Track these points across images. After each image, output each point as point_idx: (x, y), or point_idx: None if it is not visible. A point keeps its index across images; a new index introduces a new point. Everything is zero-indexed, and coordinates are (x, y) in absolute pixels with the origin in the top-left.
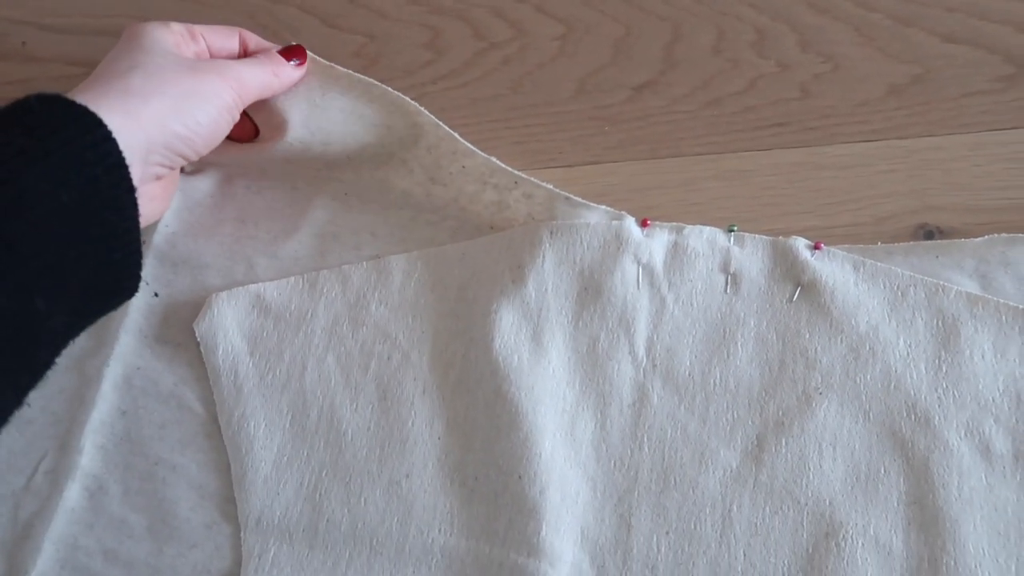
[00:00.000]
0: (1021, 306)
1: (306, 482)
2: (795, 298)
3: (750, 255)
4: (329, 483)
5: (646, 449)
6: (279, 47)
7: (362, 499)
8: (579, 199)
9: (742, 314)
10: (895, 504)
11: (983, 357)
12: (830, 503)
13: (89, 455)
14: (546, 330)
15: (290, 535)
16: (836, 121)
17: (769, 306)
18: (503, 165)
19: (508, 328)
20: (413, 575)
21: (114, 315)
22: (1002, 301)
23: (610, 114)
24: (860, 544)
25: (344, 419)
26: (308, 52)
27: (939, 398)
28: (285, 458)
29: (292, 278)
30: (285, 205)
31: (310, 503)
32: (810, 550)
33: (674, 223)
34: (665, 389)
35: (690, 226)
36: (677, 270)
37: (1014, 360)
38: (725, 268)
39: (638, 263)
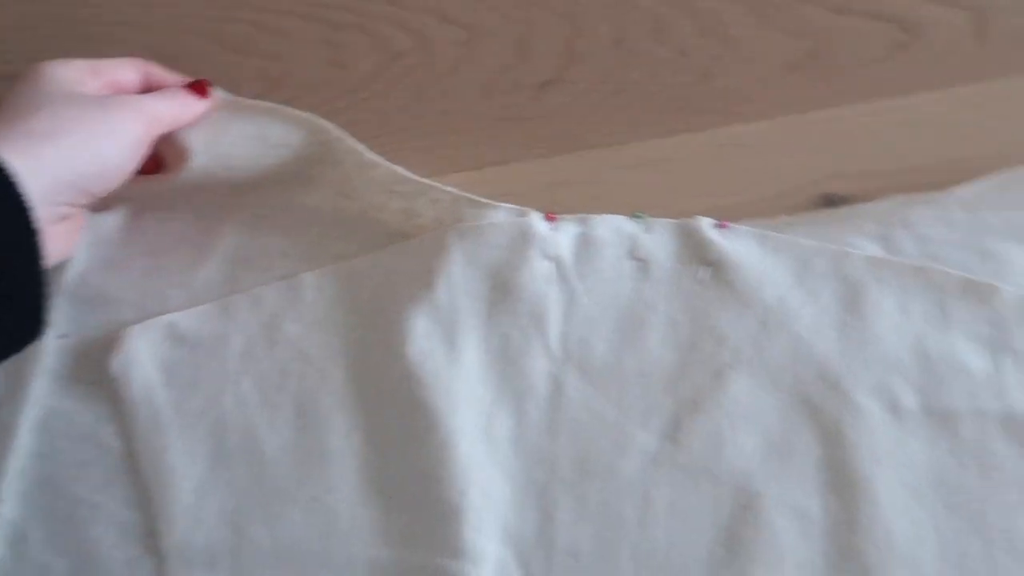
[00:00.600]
0: (922, 265)
1: (228, 507)
2: (703, 278)
3: (657, 239)
4: (251, 506)
5: (564, 441)
6: (183, 78)
7: (283, 518)
8: (483, 199)
9: (652, 298)
10: (810, 470)
11: (888, 318)
12: (747, 476)
13: (9, 504)
14: (459, 332)
15: (213, 562)
16: (736, 101)
17: (678, 288)
18: (407, 173)
19: (421, 334)
20: None
21: (26, 358)
22: (904, 261)
23: (515, 114)
24: (778, 513)
25: (263, 440)
26: (213, 86)
27: (847, 362)
28: (206, 485)
29: (205, 305)
30: (195, 234)
31: (232, 528)
32: (730, 523)
33: (580, 215)
34: (580, 380)
35: (596, 216)
36: (586, 261)
37: (918, 318)
38: (633, 255)
39: (546, 258)
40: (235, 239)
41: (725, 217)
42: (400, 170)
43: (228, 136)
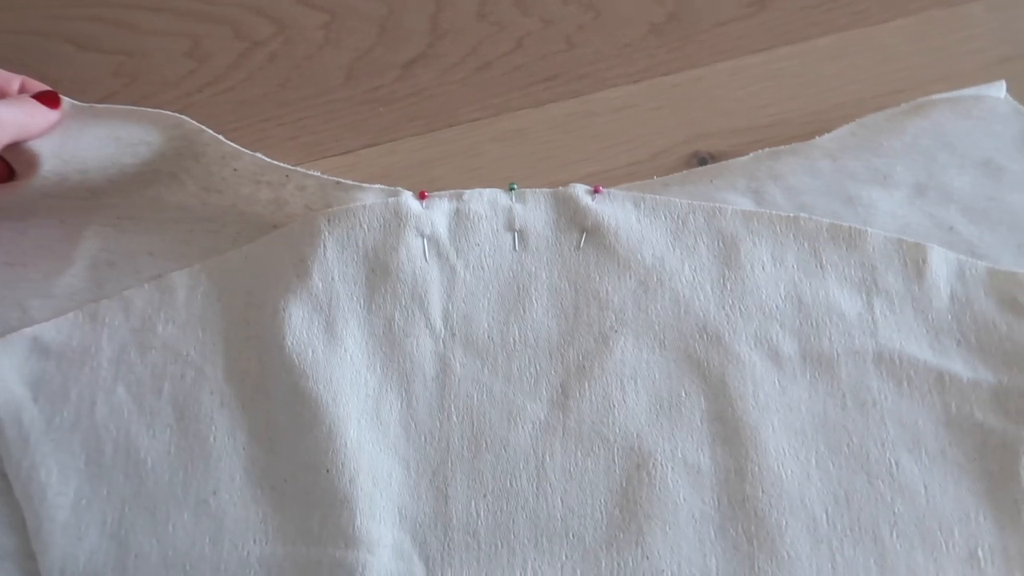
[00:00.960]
0: (793, 215)
1: (109, 520)
2: (582, 244)
3: (533, 210)
4: (134, 516)
5: (455, 418)
6: (30, 82)
7: (170, 525)
8: (350, 182)
9: (533, 268)
10: (698, 424)
11: (763, 268)
12: (637, 435)
13: None
14: (339, 319)
15: None
16: (603, 67)
17: (558, 256)
18: (271, 161)
19: (299, 324)
20: None
21: None
22: (775, 213)
23: (383, 95)
24: (670, 468)
25: (142, 447)
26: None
27: (727, 315)
28: (84, 500)
29: (70, 314)
30: (54, 241)
31: (115, 541)
32: (624, 484)
33: (453, 190)
34: (467, 356)
35: (469, 191)
36: (462, 236)
37: (792, 266)
38: (510, 226)
39: (422, 236)
40: (97, 243)
41: (601, 183)
42: (261, 157)
43: (80, 140)
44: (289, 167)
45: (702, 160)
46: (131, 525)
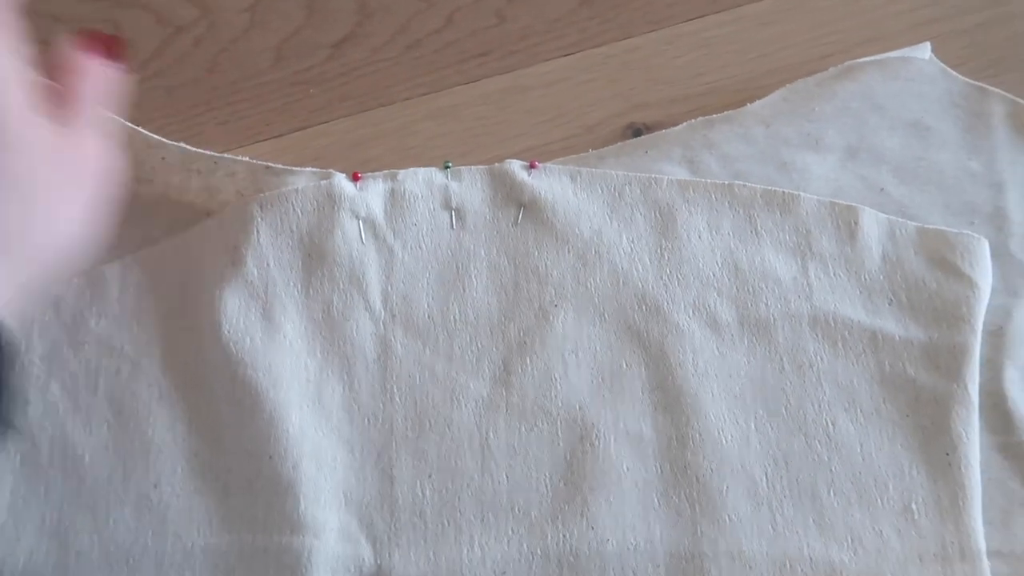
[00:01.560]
0: (727, 183)
1: (48, 519)
2: (519, 220)
3: (469, 187)
4: (73, 514)
5: (397, 399)
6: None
7: (110, 521)
8: (281, 166)
9: (471, 246)
10: (640, 394)
11: (700, 237)
12: (580, 408)
13: None
14: (276, 305)
15: None
16: (535, 41)
17: (496, 233)
18: (196, 149)
19: (235, 312)
20: None
21: None
22: (710, 181)
23: (312, 76)
24: (612, 439)
25: (79, 444)
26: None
27: (665, 284)
28: (20, 500)
29: None
30: None
31: (56, 540)
32: (568, 456)
33: (387, 171)
34: (407, 336)
35: (403, 171)
36: (399, 217)
37: (728, 234)
38: (447, 205)
39: (357, 218)
40: None
41: (537, 157)
42: (187, 147)
43: None
44: (216, 154)
45: (637, 131)
46: (71, 523)
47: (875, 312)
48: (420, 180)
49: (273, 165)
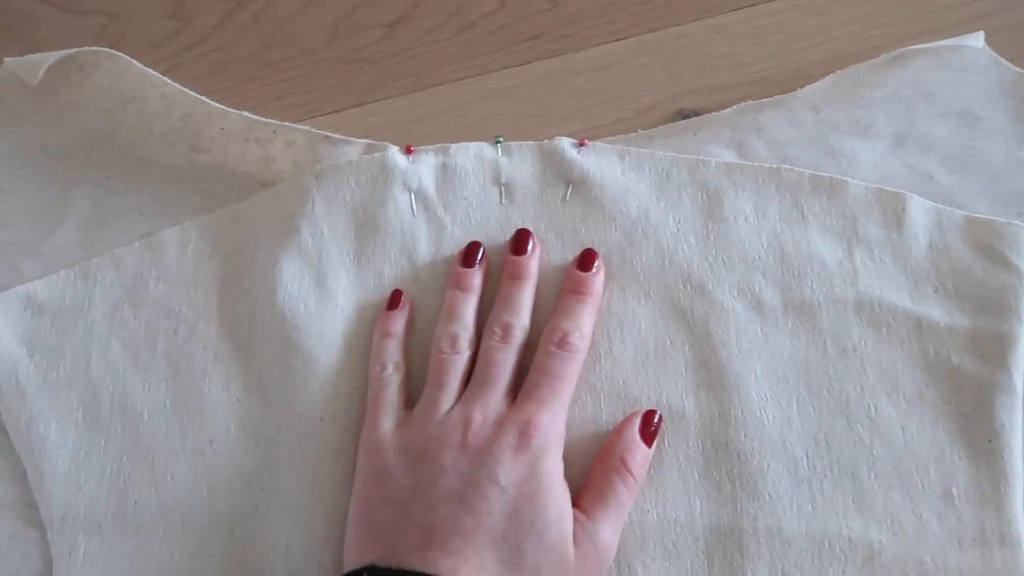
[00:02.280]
0: (775, 166)
1: (108, 471)
2: (568, 196)
3: (519, 163)
4: (132, 467)
5: None
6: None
7: (168, 475)
8: (339, 136)
9: (519, 221)
10: (683, 371)
11: (746, 220)
12: (624, 383)
13: None
14: (329, 273)
15: (99, 527)
16: (586, 25)
17: (545, 209)
18: (258, 117)
19: (290, 279)
20: (228, 538)
21: None
22: (758, 164)
23: (367, 55)
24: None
25: (138, 401)
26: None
27: (710, 265)
28: (82, 452)
29: (63, 272)
30: (44, 202)
31: (115, 491)
32: (610, 431)
33: (439, 144)
34: None
35: (455, 145)
36: (450, 190)
37: (774, 217)
38: (497, 180)
39: (409, 190)
40: (88, 203)
41: (586, 140)
42: (249, 115)
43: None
44: (277, 122)
45: (686, 117)
46: (129, 476)
47: (920, 299)
48: (471, 154)
49: (331, 135)
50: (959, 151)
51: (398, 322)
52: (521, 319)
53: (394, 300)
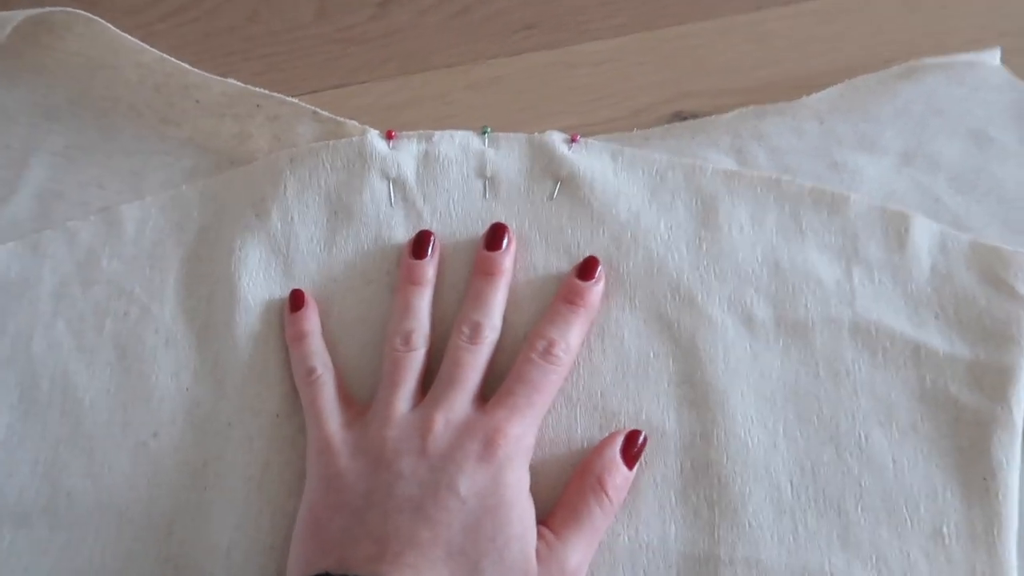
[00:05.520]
0: (775, 177)
1: (42, 459)
2: (555, 195)
3: (506, 156)
4: (68, 456)
5: None
6: None
7: (106, 467)
8: (327, 114)
9: (503, 218)
10: (666, 386)
11: (741, 230)
12: (602, 395)
13: None
14: (297, 261)
15: (28, 518)
16: (585, 19)
17: (530, 206)
18: (243, 85)
19: (255, 265)
20: (165, 538)
21: None
22: (757, 173)
23: (354, 34)
24: None
25: (80, 386)
26: None
27: (701, 276)
28: (16, 437)
29: (11, 244)
30: None
31: (47, 480)
32: (585, 445)
33: (422, 131)
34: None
35: (439, 132)
36: (430, 180)
37: (771, 229)
38: (481, 172)
39: (387, 178)
40: (44, 171)
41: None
42: (234, 83)
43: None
44: (264, 92)
45: (683, 120)
46: (65, 465)
47: (920, 325)
48: (456, 144)
49: (320, 111)
50: (969, 172)
51: (310, 320)
52: (492, 319)
53: (296, 301)
